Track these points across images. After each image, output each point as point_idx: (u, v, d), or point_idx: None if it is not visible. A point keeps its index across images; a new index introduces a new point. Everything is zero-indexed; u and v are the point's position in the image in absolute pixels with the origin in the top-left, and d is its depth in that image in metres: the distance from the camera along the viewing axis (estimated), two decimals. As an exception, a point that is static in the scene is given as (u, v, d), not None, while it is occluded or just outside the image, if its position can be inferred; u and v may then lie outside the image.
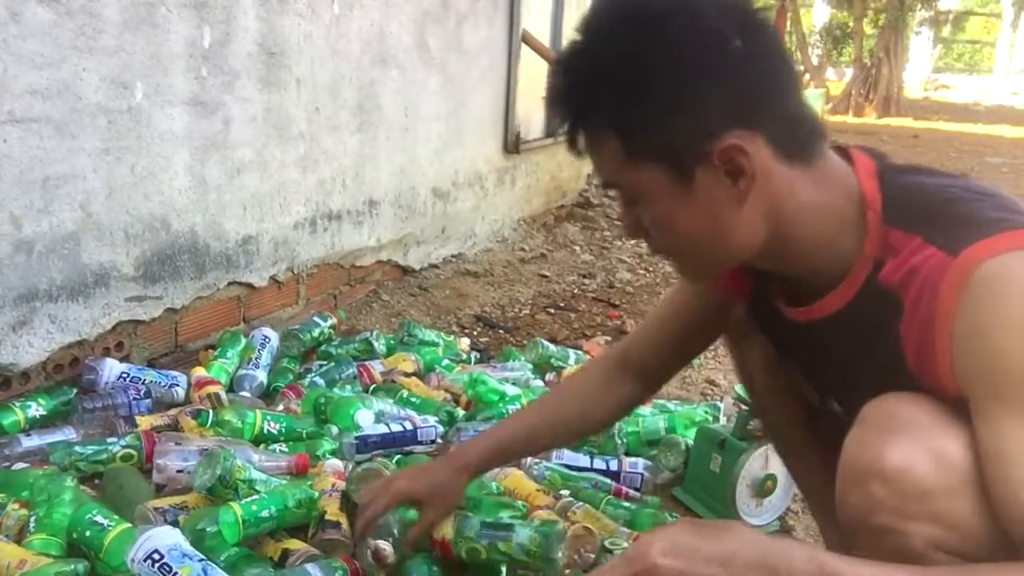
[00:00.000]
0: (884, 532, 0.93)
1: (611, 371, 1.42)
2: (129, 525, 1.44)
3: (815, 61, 13.25)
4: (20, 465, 1.69)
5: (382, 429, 1.90)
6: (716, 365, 2.69)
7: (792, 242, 0.99)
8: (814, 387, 1.20)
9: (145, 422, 1.89)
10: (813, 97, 11.35)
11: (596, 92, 0.93)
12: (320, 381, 2.20)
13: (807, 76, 12.65)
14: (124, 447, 1.74)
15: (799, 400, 1.31)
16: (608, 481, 1.80)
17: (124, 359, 2.13)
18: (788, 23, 12.01)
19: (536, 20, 4.16)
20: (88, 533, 1.42)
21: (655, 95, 0.90)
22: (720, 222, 0.96)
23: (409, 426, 1.93)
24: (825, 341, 1.06)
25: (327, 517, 1.52)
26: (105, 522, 1.42)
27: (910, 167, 1.03)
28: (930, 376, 0.93)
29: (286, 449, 1.83)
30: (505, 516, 1.55)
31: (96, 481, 1.69)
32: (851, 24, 12.64)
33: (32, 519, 1.44)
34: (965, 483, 0.90)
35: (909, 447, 0.91)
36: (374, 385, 2.23)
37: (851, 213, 0.98)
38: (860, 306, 0.99)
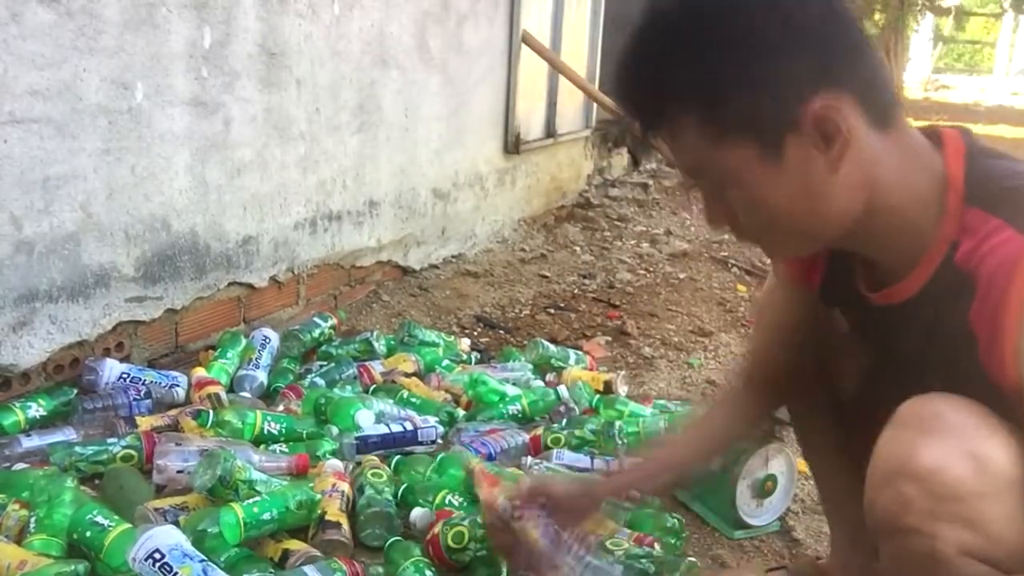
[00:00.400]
0: (913, 534, 0.90)
1: (742, 398, 1.39)
2: (129, 525, 1.44)
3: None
4: (20, 465, 1.69)
5: (382, 429, 1.90)
6: (716, 365, 2.69)
7: (879, 216, 0.95)
8: (882, 375, 1.14)
9: (145, 422, 1.89)
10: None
11: (673, 69, 0.88)
12: (320, 382, 2.19)
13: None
14: (124, 447, 1.74)
15: (830, 396, 1.28)
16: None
17: (124, 360, 2.13)
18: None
19: (536, 20, 4.16)
20: (88, 533, 1.42)
21: (735, 70, 0.86)
22: (816, 193, 0.91)
23: (409, 426, 1.93)
24: (901, 325, 1.02)
25: (327, 518, 1.52)
26: (105, 522, 1.43)
27: (997, 151, 0.99)
28: (997, 367, 0.90)
29: (286, 450, 1.83)
30: None
31: (96, 481, 1.69)
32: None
33: (32, 520, 1.44)
34: (1005, 489, 0.87)
35: (945, 448, 0.89)
36: (374, 385, 2.23)
37: (933, 190, 0.95)
38: (935, 289, 0.96)
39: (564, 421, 2.07)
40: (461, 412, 2.11)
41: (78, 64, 1.91)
